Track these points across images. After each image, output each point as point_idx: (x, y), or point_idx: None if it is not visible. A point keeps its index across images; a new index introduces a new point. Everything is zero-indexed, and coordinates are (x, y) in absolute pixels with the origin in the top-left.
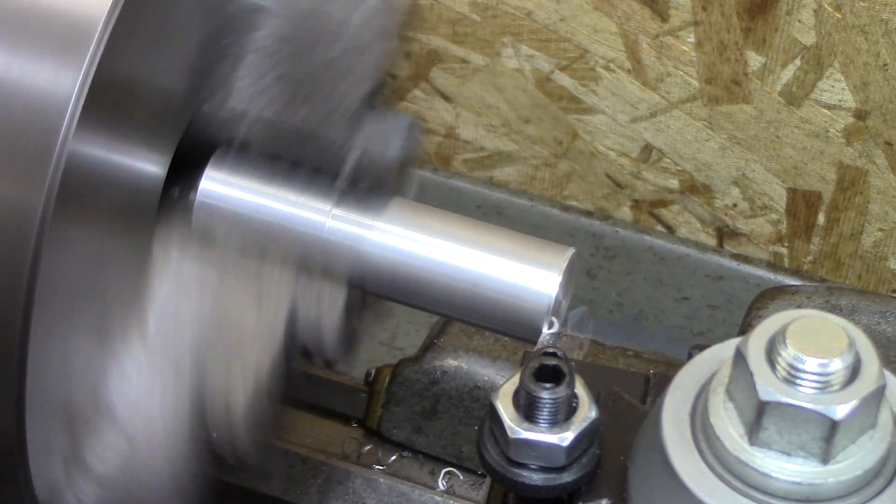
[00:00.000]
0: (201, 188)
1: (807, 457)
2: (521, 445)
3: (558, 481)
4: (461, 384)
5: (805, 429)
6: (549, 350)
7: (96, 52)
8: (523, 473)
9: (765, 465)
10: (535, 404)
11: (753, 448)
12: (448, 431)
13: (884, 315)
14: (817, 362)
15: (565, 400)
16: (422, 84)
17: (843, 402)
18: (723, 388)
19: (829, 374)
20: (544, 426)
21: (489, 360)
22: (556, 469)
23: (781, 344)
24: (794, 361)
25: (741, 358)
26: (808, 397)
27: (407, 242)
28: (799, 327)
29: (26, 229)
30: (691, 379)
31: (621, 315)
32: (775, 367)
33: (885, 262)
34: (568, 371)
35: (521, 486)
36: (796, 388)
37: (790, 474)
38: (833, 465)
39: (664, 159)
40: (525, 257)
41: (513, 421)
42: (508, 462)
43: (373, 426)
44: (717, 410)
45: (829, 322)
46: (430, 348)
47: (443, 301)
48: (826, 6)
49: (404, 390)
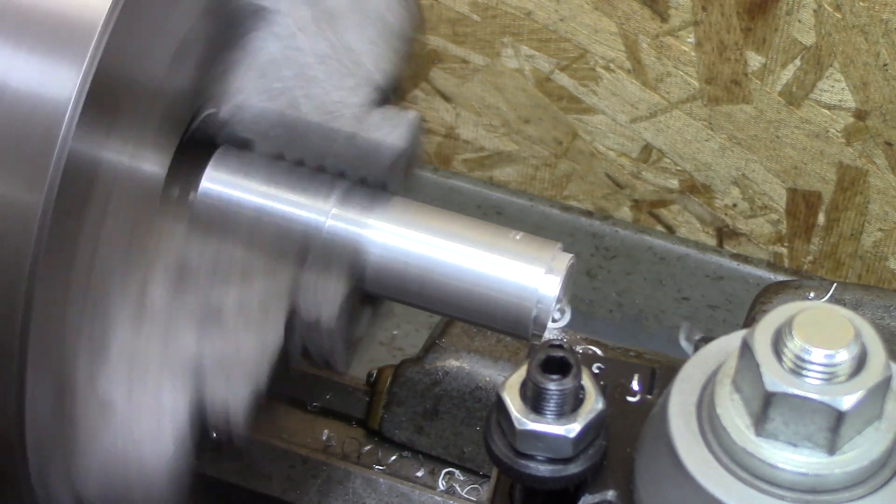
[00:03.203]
0: (201, 188)
1: (813, 447)
2: (527, 437)
3: (565, 472)
4: (463, 385)
5: (811, 419)
6: (555, 342)
7: (96, 51)
8: (530, 465)
9: (771, 456)
10: (542, 396)
11: (760, 439)
12: (450, 432)
13: (888, 309)
14: (823, 353)
15: (572, 391)
16: (422, 84)
17: (849, 393)
18: (729, 379)
19: (835, 365)
20: (551, 417)
21: (491, 360)
22: (562, 460)
23: (788, 335)
24: (800, 352)
25: (747, 349)
26: (815, 388)
27: (407, 242)
28: (805, 319)
29: (26, 229)
30: (698, 370)
31: (621, 315)
32: (782, 358)
33: (885, 262)
34: (574, 363)
35: (527, 478)
36: (803, 379)
37: (796, 465)
38: (839, 456)
39: (664, 159)
40: (516, 254)
41: (520, 412)
42: (515, 453)
43: (374, 427)
44: (724, 401)
45: (835, 313)
46: (432, 349)
47: (442, 300)
48: (826, 6)
49: (406, 391)
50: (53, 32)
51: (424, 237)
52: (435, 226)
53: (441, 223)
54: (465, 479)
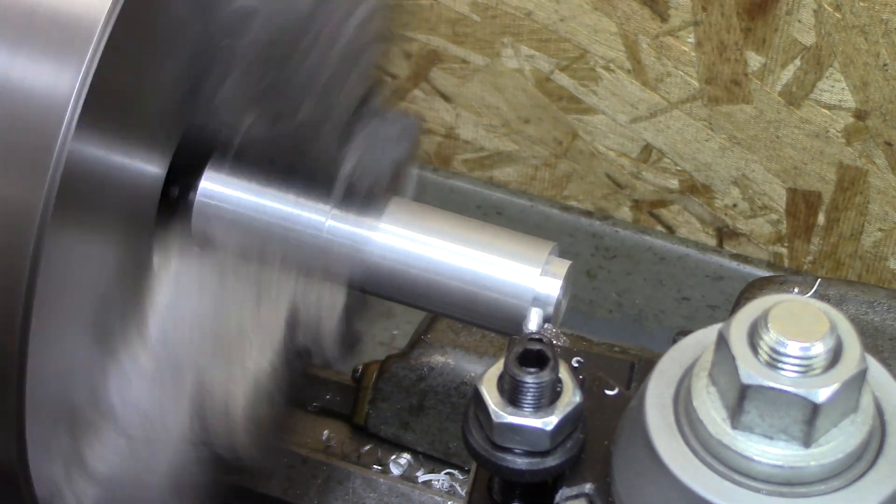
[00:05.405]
0: (201, 188)
1: (789, 440)
2: (505, 430)
3: (542, 465)
4: (448, 380)
5: (787, 412)
6: (533, 336)
7: (96, 52)
8: (508, 458)
9: (747, 449)
10: (519, 389)
11: (735, 432)
12: (435, 427)
13: (871, 305)
14: (799, 346)
15: (549, 384)
16: (422, 84)
17: (824, 386)
18: (705, 372)
19: (810, 358)
20: (528, 411)
21: (476, 356)
22: (540, 453)
23: (763, 328)
24: (775, 345)
25: (723, 342)
26: (790, 381)
27: (407, 243)
28: (781, 311)
29: (26, 229)
30: (675, 364)
31: (621, 315)
32: (757, 350)
33: (885, 262)
34: (552, 356)
35: (505, 471)
36: (778, 372)
37: (772, 458)
38: (815, 449)
39: (664, 159)
40: (514, 254)
41: (497, 405)
42: (493, 446)
43: (360, 422)
44: (700, 394)
45: (810, 307)
46: (417, 344)
47: (441, 300)
48: (826, 6)
49: (391, 386)
50: (53, 32)
51: (424, 237)
52: (434, 226)
53: (440, 223)
54: (464, 478)
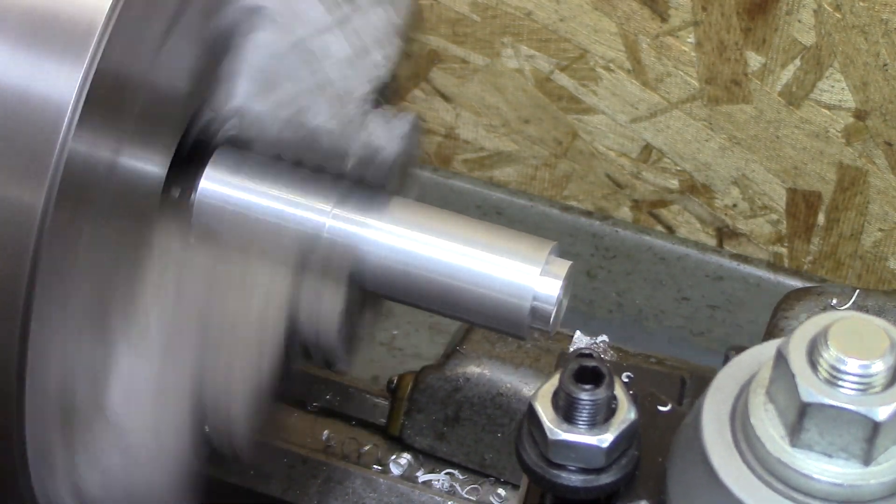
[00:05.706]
0: (201, 188)
1: (848, 458)
2: (560, 447)
3: (597, 483)
4: (484, 391)
5: (847, 430)
6: (583, 351)
7: (96, 51)
8: (562, 475)
9: (806, 467)
10: (575, 406)
11: (794, 449)
12: (471, 439)
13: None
14: (859, 363)
15: (604, 401)
16: (422, 84)
17: (884, 404)
18: (763, 389)
19: (870, 376)
20: (583, 427)
21: (512, 367)
22: (595, 470)
23: (823, 345)
24: (835, 363)
25: (782, 359)
26: (850, 398)
27: (408, 242)
28: (840, 328)
29: (26, 229)
30: (731, 380)
31: (621, 315)
32: (817, 368)
33: (885, 262)
34: (607, 372)
35: (559, 488)
36: (838, 390)
37: (831, 476)
38: (875, 467)
39: (664, 159)
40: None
41: (552, 422)
42: (547, 463)
43: (395, 434)
44: (758, 412)
45: (870, 323)
46: (453, 355)
47: (441, 300)
48: (826, 6)
49: (427, 398)
50: (53, 32)
51: (424, 237)
52: (434, 226)
53: (440, 223)
54: (465, 478)
